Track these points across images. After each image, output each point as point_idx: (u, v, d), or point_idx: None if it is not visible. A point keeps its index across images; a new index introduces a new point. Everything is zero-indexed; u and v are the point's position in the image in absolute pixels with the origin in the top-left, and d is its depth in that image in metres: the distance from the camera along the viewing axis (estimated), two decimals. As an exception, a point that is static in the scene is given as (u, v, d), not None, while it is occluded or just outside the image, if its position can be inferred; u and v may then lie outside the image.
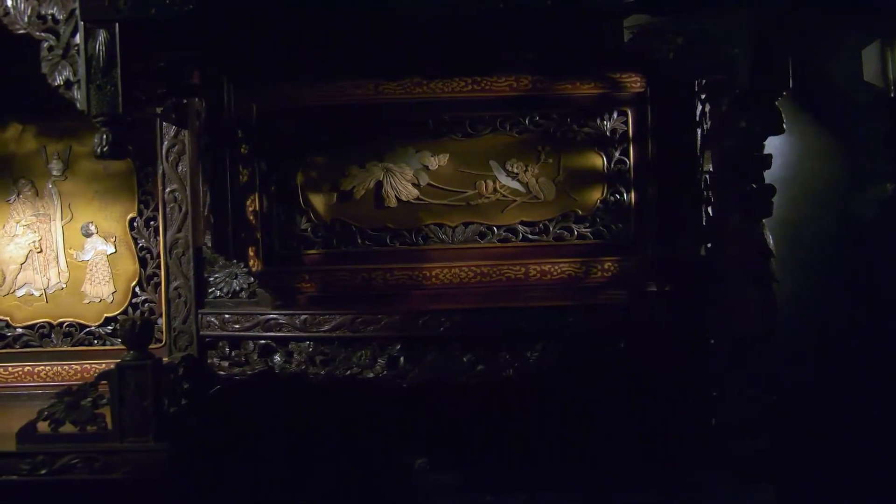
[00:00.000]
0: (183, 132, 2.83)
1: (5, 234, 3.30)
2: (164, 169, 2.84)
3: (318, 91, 3.23)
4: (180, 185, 2.84)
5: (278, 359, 2.78)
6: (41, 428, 2.48)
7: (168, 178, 2.83)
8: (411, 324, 2.69)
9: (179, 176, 2.84)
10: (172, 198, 2.84)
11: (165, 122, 2.81)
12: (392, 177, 3.26)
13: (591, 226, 3.26)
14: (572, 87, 3.23)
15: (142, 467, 2.42)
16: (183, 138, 2.84)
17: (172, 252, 2.84)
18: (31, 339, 3.30)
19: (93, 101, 2.34)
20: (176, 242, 2.85)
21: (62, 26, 2.41)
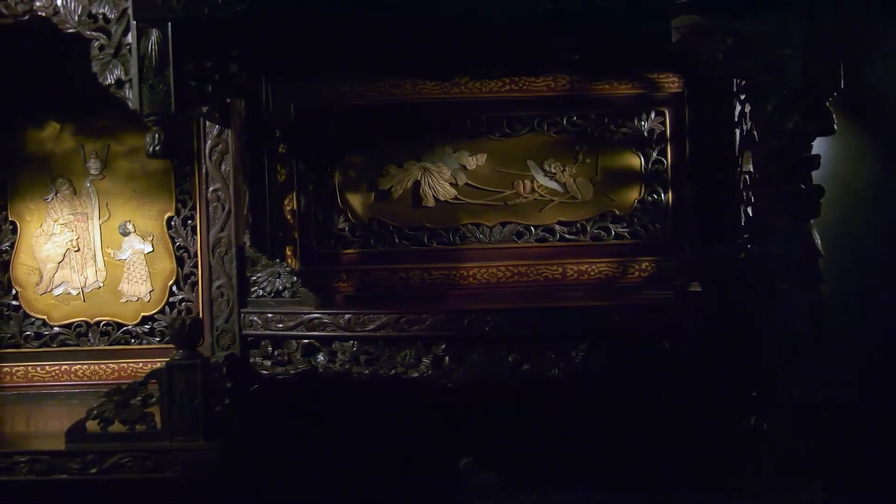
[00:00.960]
0: (226, 132, 2.83)
1: (43, 233, 3.31)
2: (207, 168, 2.84)
3: (357, 90, 3.24)
4: (223, 184, 2.84)
5: (322, 358, 2.78)
6: (90, 427, 2.48)
7: (211, 178, 2.83)
8: (456, 323, 2.69)
9: (223, 175, 2.84)
10: (216, 197, 2.84)
11: (209, 122, 2.80)
12: (430, 176, 3.26)
13: (629, 226, 3.26)
14: (610, 88, 3.23)
15: (191, 466, 2.43)
16: (226, 138, 2.84)
17: (215, 251, 2.84)
18: (68, 338, 3.31)
19: (145, 100, 2.34)
20: (219, 241, 2.85)
21: (113, 25, 2.41)
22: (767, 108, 2.58)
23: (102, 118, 3.29)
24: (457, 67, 3.06)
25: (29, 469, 2.44)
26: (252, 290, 2.86)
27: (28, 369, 3.29)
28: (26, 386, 3.28)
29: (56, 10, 2.49)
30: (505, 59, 3.04)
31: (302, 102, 3.23)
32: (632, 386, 2.81)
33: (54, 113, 3.32)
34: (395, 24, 2.59)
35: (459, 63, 3.04)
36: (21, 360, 3.30)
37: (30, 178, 3.31)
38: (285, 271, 2.83)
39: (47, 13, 2.51)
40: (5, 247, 3.31)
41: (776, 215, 2.61)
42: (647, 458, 2.88)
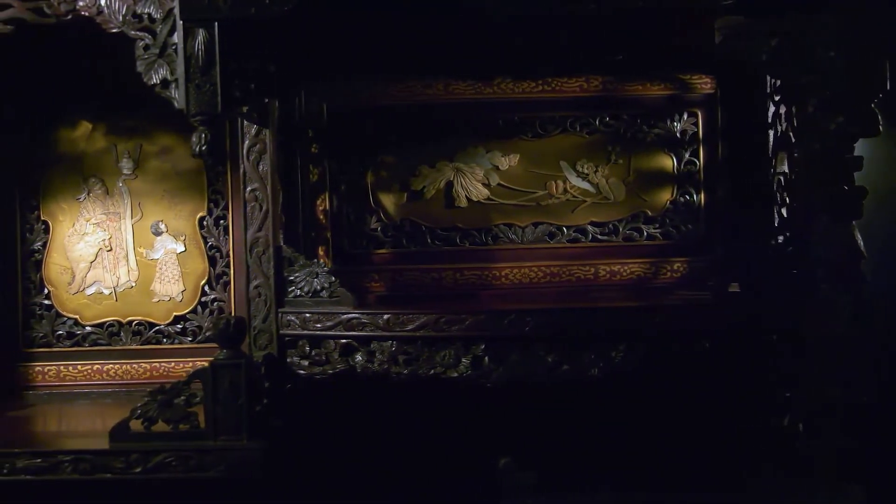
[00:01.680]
0: (264, 132, 2.83)
1: (75, 233, 3.31)
2: (244, 168, 2.84)
3: (389, 91, 3.24)
4: (261, 184, 2.84)
5: (360, 358, 2.78)
6: (133, 426, 2.48)
7: (249, 178, 2.84)
8: (496, 323, 2.70)
9: (260, 175, 2.84)
10: (253, 197, 2.84)
11: (247, 122, 2.80)
12: (462, 177, 3.27)
13: (661, 226, 3.27)
14: (642, 89, 3.23)
15: (236, 466, 2.43)
16: (264, 137, 2.84)
17: (253, 251, 2.84)
18: (100, 338, 3.31)
19: (191, 100, 2.34)
20: (256, 241, 2.85)
21: (159, 25, 2.41)
22: (808, 109, 2.58)
23: (134, 118, 3.29)
24: (497, 68, 3.05)
25: (73, 468, 2.44)
26: (289, 290, 2.86)
27: (60, 368, 3.29)
28: (58, 385, 3.29)
29: (99, 10, 2.49)
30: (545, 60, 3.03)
31: (334, 103, 3.23)
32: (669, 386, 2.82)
33: (85, 112, 3.32)
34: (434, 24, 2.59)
35: (499, 64, 3.04)
36: (53, 359, 3.30)
37: (62, 178, 3.31)
38: (323, 271, 2.83)
39: (90, 13, 2.50)
40: (38, 246, 3.31)
41: (816, 217, 2.61)
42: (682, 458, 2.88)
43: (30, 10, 2.55)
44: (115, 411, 3.05)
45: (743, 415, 2.98)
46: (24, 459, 2.45)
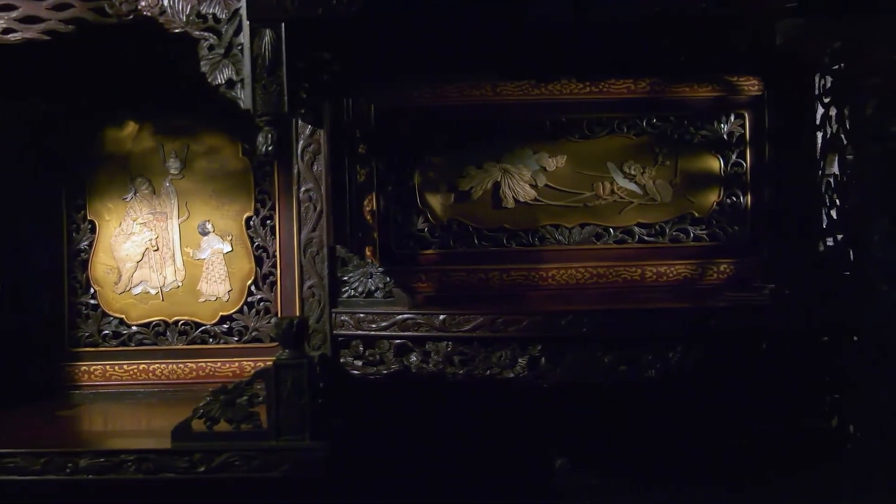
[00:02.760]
0: (318, 132, 2.84)
1: (122, 232, 3.32)
2: (299, 168, 2.84)
3: (436, 92, 3.24)
4: (315, 184, 2.85)
5: (414, 358, 2.78)
6: (195, 426, 2.48)
7: (303, 178, 2.84)
8: (554, 324, 2.70)
9: (314, 175, 2.84)
10: (307, 197, 2.85)
11: (301, 122, 2.81)
12: (510, 178, 3.27)
13: (707, 228, 3.27)
14: (689, 90, 3.24)
15: (300, 466, 2.43)
16: (318, 138, 2.85)
17: (307, 251, 2.85)
18: (145, 338, 3.31)
19: (258, 100, 2.34)
20: (310, 241, 2.85)
21: (224, 25, 2.42)
22: (867, 110, 2.58)
23: (181, 118, 3.30)
24: (547, 70, 3.05)
25: (137, 468, 2.44)
26: (343, 290, 2.86)
27: (106, 368, 3.30)
28: (104, 385, 3.30)
29: (162, 10, 2.49)
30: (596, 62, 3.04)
31: (382, 103, 3.23)
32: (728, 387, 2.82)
33: (133, 112, 3.32)
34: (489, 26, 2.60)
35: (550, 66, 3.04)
36: (99, 359, 3.31)
37: (109, 178, 3.32)
38: (378, 272, 2.83)
39: (153, 13, 2.51)
40: (84, 246, 3.32)
41: (873, 219, 2.61)
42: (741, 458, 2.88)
43: (91, 10, 2.55)
44: (164, 411, 3.09)
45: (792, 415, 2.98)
46: (88, 459, 2.45)
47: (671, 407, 2.93)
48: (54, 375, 3.28)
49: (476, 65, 3.03)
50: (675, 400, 2.91)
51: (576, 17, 2.33)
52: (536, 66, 2.99)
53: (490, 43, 2.79)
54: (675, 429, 2.93)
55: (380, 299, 2.84)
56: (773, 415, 2.95)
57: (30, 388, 3.21)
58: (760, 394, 2.90)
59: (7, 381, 3.18)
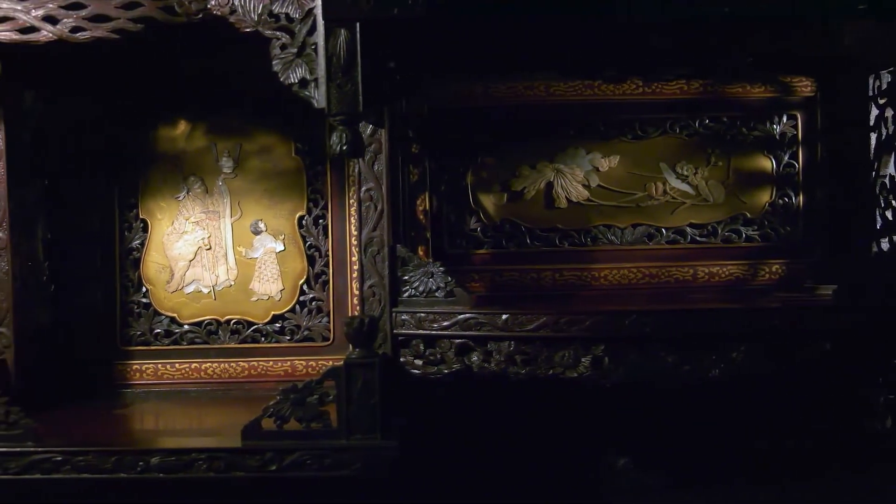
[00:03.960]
0: (379, 131, 2.83)
1: (174, 231, 3.31)
2: (360, 168, 2.84)
3: (490, 91, 3.26)
4: (376, 183, 2.84)
5: (476, 358, 2.78)
6: (265, 424, 2.49)
7: (364, 177, 2.84)
8: (617, 324, 2.70)
9: (375, 175, 2.84)
10: (368, 196, 2.85)
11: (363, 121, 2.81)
12: (563, 178, 3.28)
13: (759, 228, 3.29)
14: (742, 91, 3.26)
15: (371, 465, 2.43)
16: (379, 137, 2.84)
17: (367, 250, 2.84)
18: (197, 336, 3.31)
19: (333, 100, 2.34)
20: (371, 241, 2.85)
21: (297, 25, 2.41)
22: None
23: (234, 117, 3.29)
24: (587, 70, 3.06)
25: (208, 466, 2.44)
26: (403, 289, 2.86)
27: (158, 367, 3.30)
28: (156, 383, 3.29)
29: (233, 9, 2.48)
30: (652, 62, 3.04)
31: (435, 103, 3.25)
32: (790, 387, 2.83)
33: (185, 112, 3.32)
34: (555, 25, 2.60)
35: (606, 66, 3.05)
36: (151, 357, 3.31)
37: (161, 177, 3.32)
38: (439, 271, 2.84)
39: (222, 12, 2.50)
40: (136, 244, 3.32)
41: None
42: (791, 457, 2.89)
43: (160, 8, 2.54)
44: (218, 410, 3.10)
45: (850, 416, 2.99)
46: (159, 457, 2.45)
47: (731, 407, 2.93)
48: (106, 374, 3.28)
49: (540, 64, 3.04)
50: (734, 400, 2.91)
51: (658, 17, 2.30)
52: (603, 66, 2.98)
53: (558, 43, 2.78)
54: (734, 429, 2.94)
55: (441, 299, 2.84)
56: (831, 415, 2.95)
57: (81, 387, 3.21)
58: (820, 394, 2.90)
59: (59, 380, 3.17)
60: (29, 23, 2.56)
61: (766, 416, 2.98)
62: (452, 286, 2.83)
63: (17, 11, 2.56)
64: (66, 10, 2.56)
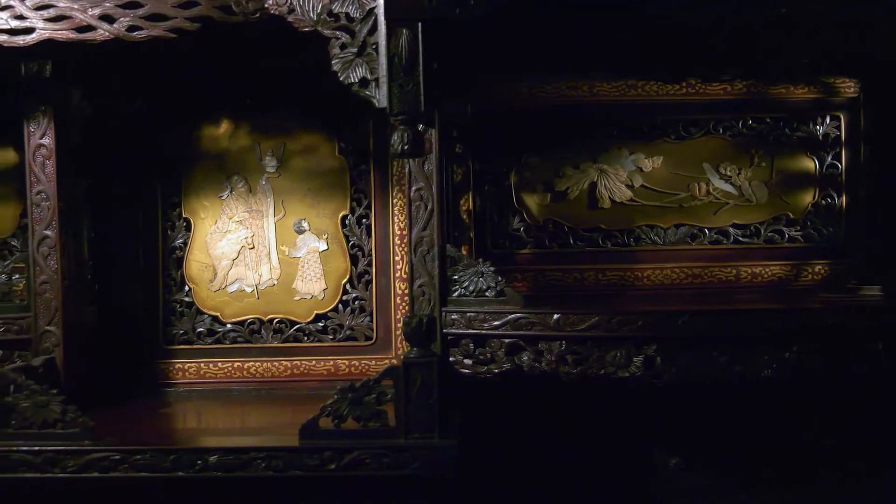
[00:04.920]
0: (430, 131, 2.83)
1: (218, 230, 3.32)
2: (410, 167, 2.84)
3: (533, 92, 3.26)
4: (426, 183, 2.84)
5: (526, 357, 2.78)
6: (323, 424, 2.49)
7: (414, 177, 2.84)
8: (669, 324, 2.70)
9: (426, 174, 2.84)
10: (418, 196, 2.84)
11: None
12: (606, 178, 3.29)
13: (802, 229, 3.30)
14: (786, 92, 3.27)
15: (430, 464, 2.44)
16: (430, 137, 2.84)
17: (417, 250, 2.84)
18: (240, 335, 3.31)
19: (394, 99, 2.34)
20: (421, 240, 2.85)
21: (357, 24, 2.42)
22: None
23: (277, 116, 3.30)
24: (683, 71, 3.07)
25: (266, 465, 2.44)
26: (453, 289, 2.86)
27: (200, 366, 3.30)
28: (198, 382, 3.30)
29: (291, 9, 2.49)
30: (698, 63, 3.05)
31: (478, 103, 3.25)
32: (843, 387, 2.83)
33: (228, 111, 3.33)
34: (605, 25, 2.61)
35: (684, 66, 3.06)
36: (193, 356, 3.31)
37: (204, 176, 3.32)
38: (489, 271, 2.84)
39: (280, 12, 2.50)
40: (179, 243, 3.32)
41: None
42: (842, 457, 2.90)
43: (217, 8, 2.55)
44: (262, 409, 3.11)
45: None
46: (217, 456, 2.45)
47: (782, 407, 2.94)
48: (148, 373, 3.28)
49: (597, 64, 3.04)
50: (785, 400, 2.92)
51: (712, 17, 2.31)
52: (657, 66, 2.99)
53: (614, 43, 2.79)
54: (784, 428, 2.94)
55: (491, 298, 2.83)
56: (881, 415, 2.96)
57: (124, 386, 3.21)
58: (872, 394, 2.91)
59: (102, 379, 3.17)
60: (86, 21, 2.56)
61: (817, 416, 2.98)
62: (503, 286, 2.83)
63: (74, 10, 2.56)
64: (122, 8, 2.56)
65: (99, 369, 3.18)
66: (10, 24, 2.56)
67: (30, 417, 2.51)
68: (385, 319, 3.28)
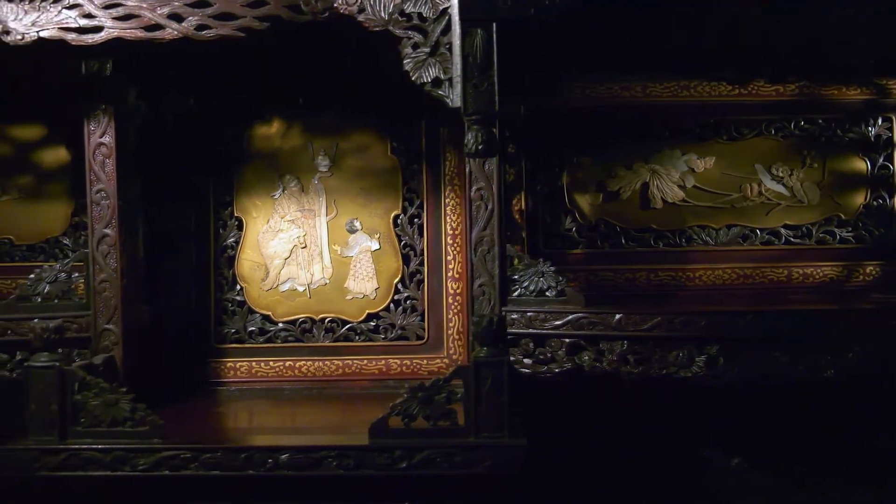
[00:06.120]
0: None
1: (270, 230, 3.32)
2: (470, 167, 2.85)
3: (586, 92, 3.27)
4: (487, 183, 2.85)
5: (587, 357, 2.79)
6: (392, 423, 2.49)
7: (475, 177, 2.84)
8: (732, 324, 2.72)
9: (486, 174, 2.85)
10: (479, 196, 2.85)
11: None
12: (658, 178, 3.30)
13: (854, 230, 3.31)
14: (838, 93, 3.28)
15: (501, 463, 2.44)
16: (490, 137, 2.84)
17: (477, 249, 2.85)
18: (291, 335, 3.31)
19: (469, 99, 2.35)
20: (481, 240, 2.85)
21: (430, 24, 2.43)
22: None
23: (330, 116, 3.30)
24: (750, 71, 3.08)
25: (338, 464, 2.45)
26: (513, 288, 2.87)
27: (252, 365, 3.30)
28: (249, 381, 3.29)
29: (361, 8, 2.50)
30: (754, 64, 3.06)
31: (531, 104, 3.25)
32: None
33: (280, 110, 3.33)
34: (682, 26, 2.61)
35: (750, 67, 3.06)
36: (245, 355, 3.31)
37: (256, 175, 3.32)
38: (549, 271, 2.85)
39: (350, 11, 2.51)
40: (231, 242, 3.32)
41: None
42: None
43: (286, 7, 2.55)
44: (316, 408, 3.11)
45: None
46: (288, 455, 2.46)
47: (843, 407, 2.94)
48: (200, 372, 3.28)
49: (664, 64, 3.04)
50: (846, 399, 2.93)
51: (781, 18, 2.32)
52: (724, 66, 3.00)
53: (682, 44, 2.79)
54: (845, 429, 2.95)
55: (552, 298, 2.84)
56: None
57: (176, 385, 3.20)
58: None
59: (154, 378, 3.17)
60: (154, 20, 2.57)
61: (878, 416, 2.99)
62: (563, 285, 2.84)
63: (143, 9, 2.56)
64: (191, 7, 2.57)
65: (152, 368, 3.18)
66: (79, 23, 2.57)
67: (99, 416, 2.51)
68: (436, 319, 3.28)
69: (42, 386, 2.50)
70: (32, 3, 2.57)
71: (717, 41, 2.75)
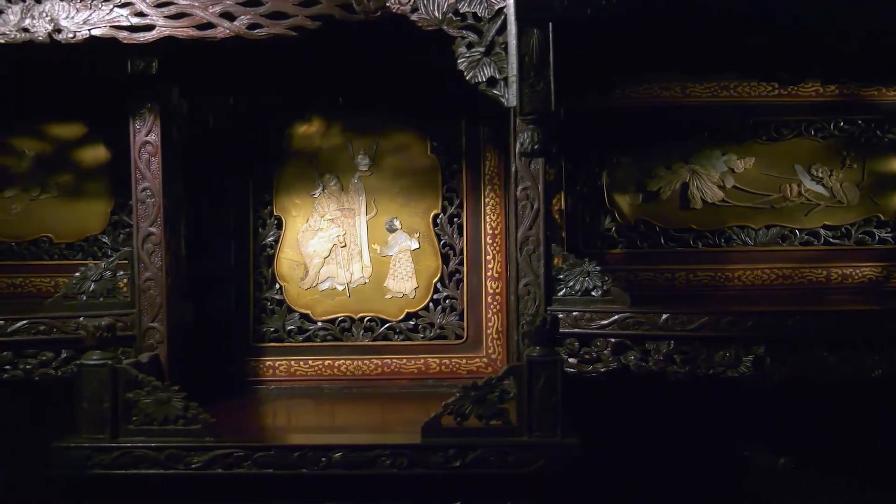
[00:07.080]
0: (537, 130, 2.84)
1: (309, 228, 3.32)
2: (516, 167, 2.85)
3: (625, 92, 3.27)
4: (532, 182, 2.85)
5: (633, 357, 2.79)
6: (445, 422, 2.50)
7: (521, 176, 2.84)
8: (779, 325, 2.72)
9: (532, 174, 2.85)
10: (525, 195, 2.85)
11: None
12: (698, 178, 3.30)
13: (893, 230, 3.32)
14: (878, 94, 3.28)
15: (554, 462, 2.45)
16: (536, 137, 2.85)
17: (523, 249, 2.85)
18: (330, 334, 3.32)
19: (525, 99, 2.35)
20: (527, 240, 2.86)
21: (485, 24, 2.43)
22: None
23: (370, 115, 3.30)
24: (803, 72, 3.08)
25: (392, 462, 2.45)
26: (558, 288, 2.87)
27: (290, 363, 3.30)
28: (288, 380, 3.30)
29: (415, 8, 2.50)
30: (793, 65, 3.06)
31: (570, 104, 3.25)
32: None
33: (319, 110, 3.33)
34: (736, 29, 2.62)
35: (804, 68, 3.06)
36: (284, 354, 3.31)
37: (296, 174, 3.32)
38: (595, 270, 2.85)
39: (403, 10, 2.51)
40: (270, 241, 3.33)
41: None
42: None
43: (338, 6, 2.55)
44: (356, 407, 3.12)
45: None
46: (342, 453, 2.46)
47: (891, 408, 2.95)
48: (240, 370, 3.28)
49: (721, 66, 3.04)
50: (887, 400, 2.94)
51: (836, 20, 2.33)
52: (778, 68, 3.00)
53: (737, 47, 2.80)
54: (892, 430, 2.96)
55: (597, 297, 2.85)
56: None
57: (215, 383, 3.20)
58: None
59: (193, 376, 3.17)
60: (206, 19, 2.57)
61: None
62: (609, 285, 2.84)
63: (195, 7, 2.56)
64: (243, 6, 2.57)
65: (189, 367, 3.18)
66: (131, 21, 2.57)
67: (151, 414, 2.51)
68: (476, 318, 3.29)
69: (94, 384, 2.50)
70: (84, 2, 2.57)
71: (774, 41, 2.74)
